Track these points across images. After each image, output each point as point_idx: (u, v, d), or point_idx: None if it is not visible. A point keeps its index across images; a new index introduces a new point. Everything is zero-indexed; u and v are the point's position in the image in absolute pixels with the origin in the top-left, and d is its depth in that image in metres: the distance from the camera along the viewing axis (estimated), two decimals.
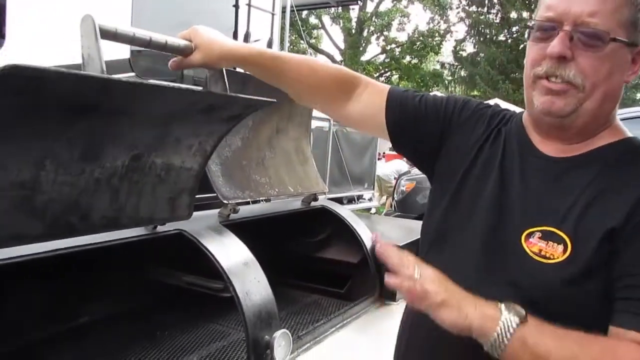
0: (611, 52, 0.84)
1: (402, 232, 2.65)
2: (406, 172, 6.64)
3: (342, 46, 24.57)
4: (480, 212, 0.93)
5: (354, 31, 23.56)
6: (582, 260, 0.80)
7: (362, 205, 7.13)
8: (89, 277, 1.69)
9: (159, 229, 1.46)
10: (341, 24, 23.67)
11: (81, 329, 1.72)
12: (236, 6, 4.01)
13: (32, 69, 0.73)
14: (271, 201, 2.47)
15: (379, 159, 9.46)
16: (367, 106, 1.10)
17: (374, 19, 23.37)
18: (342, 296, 2.19)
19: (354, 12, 23.56)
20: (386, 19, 23.19)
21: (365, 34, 23.95)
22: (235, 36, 4.07)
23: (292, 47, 20.97)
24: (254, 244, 1.58)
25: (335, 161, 6.05)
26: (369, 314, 1.99)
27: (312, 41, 25.10)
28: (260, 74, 1.12)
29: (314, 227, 2.34)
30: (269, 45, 4.24)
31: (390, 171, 9.91)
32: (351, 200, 6.68)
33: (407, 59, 24.48)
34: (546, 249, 0.83)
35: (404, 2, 23.96)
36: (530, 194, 0.90)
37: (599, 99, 0.86)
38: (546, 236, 0.84)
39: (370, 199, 7.35)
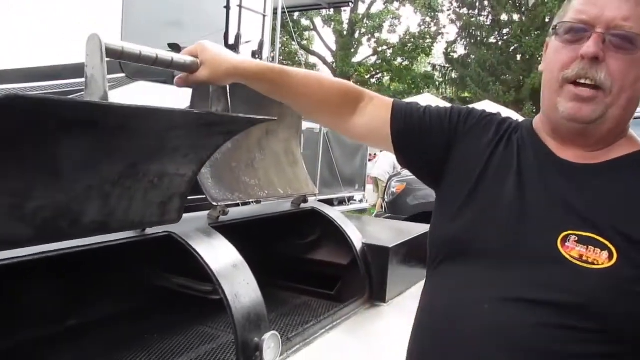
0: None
1: (392, 233, 2.66)
2: (396, 174, 6.65)
3: (333, 48, 24.61)
4: (500, 219, 0.92)
5: (345, 33, 23.60)
6: (632, 267, 0.81)
7: (353, 206, 7.15)
8: (78, 279, 1.69)
9: (148, 231, 1.46)
10: (333, 26, 23.70)
11: (71, 331, 1.71)
12: (227, 7, 4.02)
13: (34, 99, 0.72)
14: (261, 203, 2.48)
15: (370, 160, 9.50)
16: (372, 119, 1.11)
17: (365, 20, 23.42)
18: (332, 298, 2.19)
19: (345, 14, 23.60)
20: (377, 20, 23.25)
21: (356, 35, 24.00)
22: (226, 37, 4.07)
23: (283, 48, 20.99)
24: (243, 245, 1.58)
25: (326, 163, 6.07)
26: (359, 315, 1.99)
27: (304, 43, 25.13)
28: (267, 90, 1.11)
29: (303, 229, 2.34)
30: (260, 46, 4.25)
31: (386, 167, 9.87)
32: (342, 201, 6.71)
33: (399, 60, 24.55)
34: (587, 254, 0.83)
35: (396, 4, 24.03)
36: (555, 198, 0.90)
37: (624, 105, 0.88)
38: (584, 241, 0.84)
39: (361, 201, 7.39)
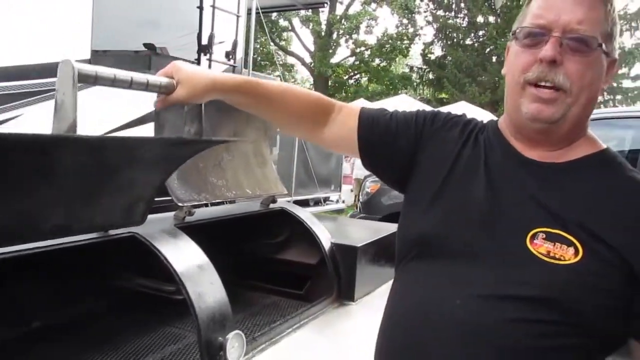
0: (595, 59, 0.91)
1: (362, 233, 2.68)
2: (370, 174, 6.70)
3: (312, 48, 24.62)
4: (470, 217, 0.95)
5: (323, 34, 23.63)
6: (596, 262, 0.84)
7: (329, 207, 7.18)
8: (41, 281, 1.67)
9: (111, 232, 1.46)
10: (311, 27, 23.72)
11: (35, 334, 1.69)
12: (200, 7, 4.01)
13: None
14: (234, 203, 2.48)
15: (347, 161, 9.53)
16: (340, 128, 1.14)
17: (343, 21, 23.49)
18: (301, 297, 2.20)
19: (323, 15, 23.64)
20: (354, 22, 23.33)
21: (334, 36, 24.05)
22: (199, 38, 4.06)
23: (261, 49, 20.92)
24: (211, 246, 1.59)
25: (301, 163, 6.08)
26: (327, 314, 2.01)
27: (282, 43, 25.10)
28: (245, 104, 1.13)
29: (273, 229, 2.35)
30: (234, 47, 4.25)
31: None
32: (318, 202, 6.73)
33: (376, 61, 24.68)
34: (554, 250, 0.86)
35: (373, 5, 24.15)
36: (524, 197, 0.93)
37: (584, 104, 0.92)
38: (551, 238, 0.87)
39: (337, 201, 7.42)
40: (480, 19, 20.65)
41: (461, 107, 13.18)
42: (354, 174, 10.35)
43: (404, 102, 13.39)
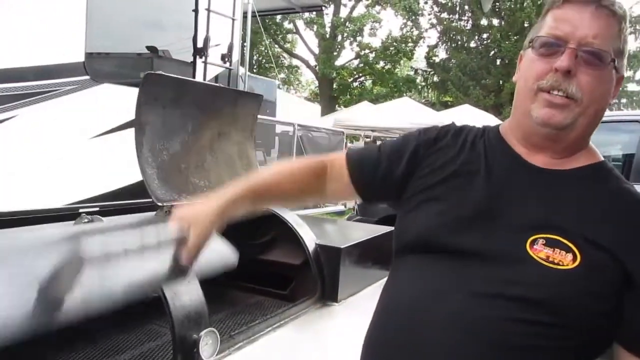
0: (606, 74, 0.95)
1: (349, 234, 2.70)
2: None
3: (316, 51, 24.70)
4: (471, 218, 0.96)
5: (327, 36, 23.69)
6: (593, 270, 0.87)
7: (328, 209, 7.21)
8: None
9: None
10: (315, 29, 23.78)
11: None
12: (196, 11, 4.01)
13: None
14: None
15: None
16: (337, 183, 1.19)
17: (347, 24, 23.53)
18: (286, 297, 2.22)
19: (327, 17, 23.72)
20: (358, 24, 23.37)
21: (339, 39, 24.10)
22: (195, 40, 4.07)
23: (265, 51, 20.98)
24: None
25: None
26: (309, 314, 2.03)
27: (287, 46, 25.18)
28: (252, 209, 1.17)
29: (258, 230, 2.37)
30: (230, 49, 4.25)
31: None
32: (316, 204, 6.74)
33: (381, 64, 24.70)
34: (553, 255, 0.88)
35: (377, 7, 24.18)
36: (525, 201, 0.95)
37: (592, 115, 0.95)
38: (551, 243, 0.89)
39: (336, 203, 7.44)
40: (484, 22, 20.65)
41: (465, 110, 13.15)
42: None
43: (405, 105, 13.37)
